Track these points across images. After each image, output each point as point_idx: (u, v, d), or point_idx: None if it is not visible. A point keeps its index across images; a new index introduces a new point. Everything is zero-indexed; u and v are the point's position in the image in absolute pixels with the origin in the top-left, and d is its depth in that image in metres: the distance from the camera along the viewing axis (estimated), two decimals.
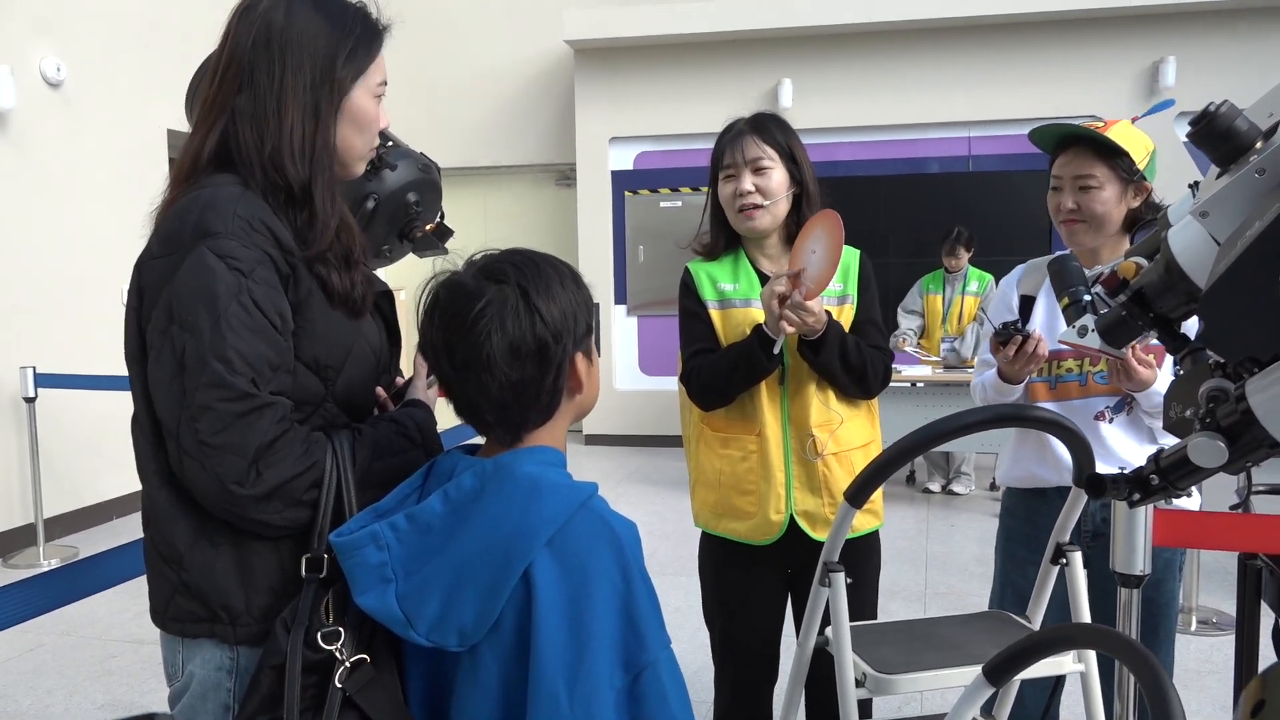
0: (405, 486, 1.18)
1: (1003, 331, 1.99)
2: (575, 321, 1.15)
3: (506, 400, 1.11)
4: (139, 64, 5.92)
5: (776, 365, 2.00)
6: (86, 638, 3.92)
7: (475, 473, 1.10)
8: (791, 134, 2.10)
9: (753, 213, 2.06)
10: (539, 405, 1.14)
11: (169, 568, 1.25)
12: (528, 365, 1.10)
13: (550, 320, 1.11)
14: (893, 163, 7.62)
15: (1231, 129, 0.96)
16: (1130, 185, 2.04)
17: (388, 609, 1.08)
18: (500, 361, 1.09)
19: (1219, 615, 3.92)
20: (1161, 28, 7.13)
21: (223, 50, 1.29)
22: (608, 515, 1.10)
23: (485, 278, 1.13)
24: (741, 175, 2.05)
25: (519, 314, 1.10)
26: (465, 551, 1.06)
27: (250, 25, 1.27)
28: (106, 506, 5.70)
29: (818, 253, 1.89)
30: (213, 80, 1.29)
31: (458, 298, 1.12)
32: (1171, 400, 1.17)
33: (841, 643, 1.59)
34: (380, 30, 1.35)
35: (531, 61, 8.27)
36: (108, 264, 5.57)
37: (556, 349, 1.12)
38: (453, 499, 1.09)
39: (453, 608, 1.06)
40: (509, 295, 1.11)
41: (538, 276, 1.13)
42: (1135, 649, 1.00)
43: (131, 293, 1.26)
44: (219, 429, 1.14)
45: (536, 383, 1.12)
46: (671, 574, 4.45)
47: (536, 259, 1.17)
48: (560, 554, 1.06)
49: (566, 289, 1.15)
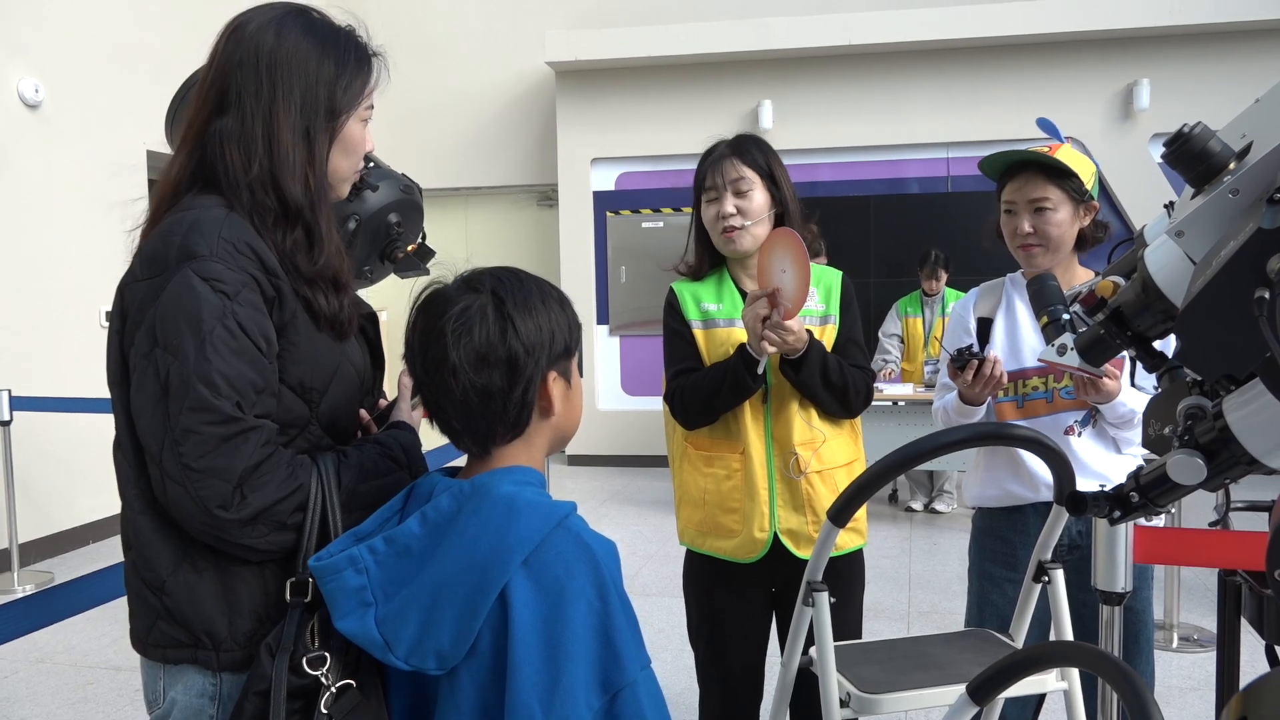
0: (386, 509, 1.18)
1: (958, 358, 2.01)
2: (552, 339, 1.15)
3: (471, 406, 1.12)
4: (117, 85, 5.90)
5: (760, 384, 2.01)
6: (61, 665, 3.86)
7: (453, 494, 1.10)
8: (772, 155, 2.12)
9: (734, 234, 2.07)
10: (505, 417, 1.14)
11: (151, 593, 1.23)
12: (494, 374, 1.11)
13: (524, 332, 1.12)
14: (872, 183, 7.69)
15: (1206, 150, 0.97)
16: (1080, 205, 2.07)
17: (367, 633, 1.07)
18: (465, 365, 1.10)
19: (1200, 632, 3.93)
20: (1135, 51, 7.24)
21: (209, 70, 1.28)
22: (585, 534, 1.10)
23: (466, 286, 1.15)
24: (723, 197, 2.07)
25: (489, 321, 1.11)
26: (442, 573, 1.06)
27: (239, 46, 1.26)
28: (83, 531, 5.63)
29: (788, 272, 1.91)
30: (198, 100, 1.29)
31: (436, 303, 1.15)
32: (1150, 418, 1.18)
33: (826, 662, 1.59)
34: (370, 55, 1.34)
35: (513, 83, 8.30)
36: (86, 285, 5.53)
37: (527, 361, 1.12)
38: (430, 520, 1.09)
39: (430, 630, 1.05)
40: (485, 304, 1.12)
41: (517, 290, 1.15)
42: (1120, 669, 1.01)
43: (114, 314, 1.25)
44: (203, 453, 1.13)
45: (504, 393, 1.12)
46: (655, 594, 4.44)
47: (522, 276, 1.18)
48: (536, 573, 1.05)
49: (548, 308, 1.16)
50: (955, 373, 2.04)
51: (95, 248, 5.50)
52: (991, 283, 2.28)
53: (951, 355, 2.03)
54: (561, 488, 6.80)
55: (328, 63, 1.28)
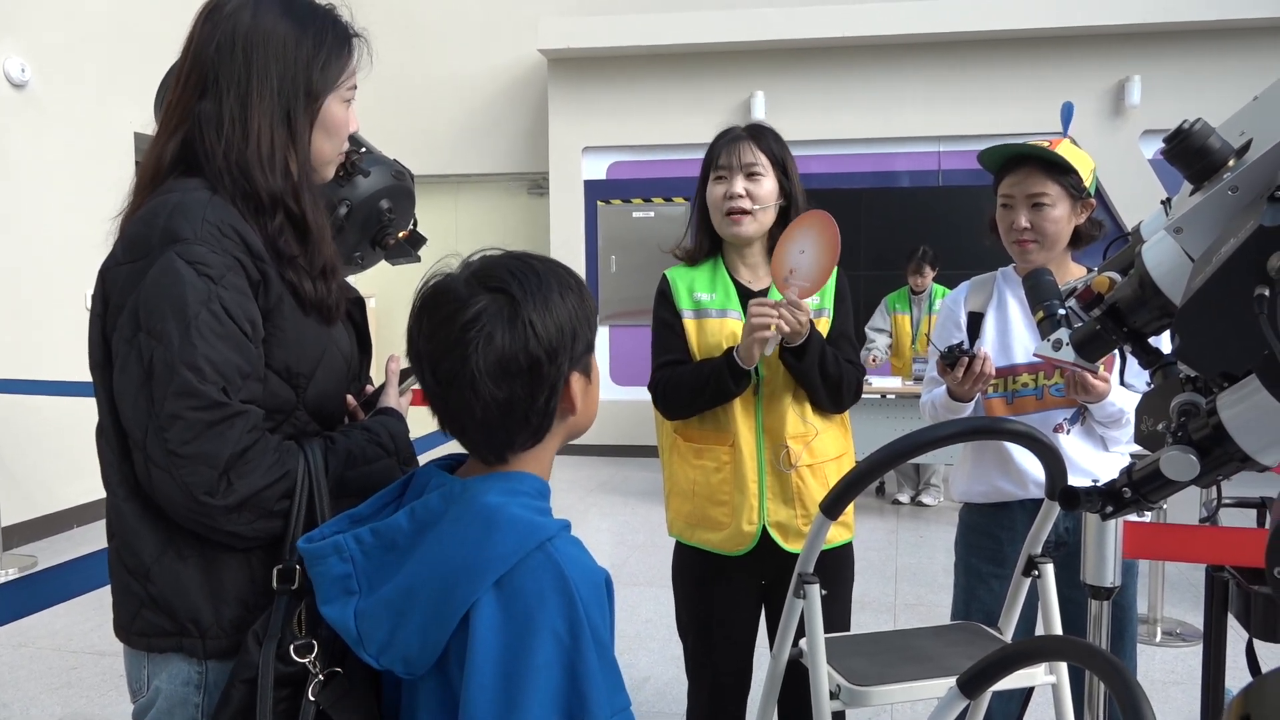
0: (385, 494, 1.13)
1: (948, 355, 2.01)
2: (574, 339, 1.05)
3: (491, 420, 1.03)
4: (106, 65, 5.84)
5: (744, 390, 2.02)
6: (44, 650, 3.84)
7: (443, 493, 1.05)
8: (785, 148, 2.12)
9: (740, 218, 2.06)
10: (528, 427, 1.05)
11: (135, 580, 1.22)
12: (516, 384, 1.02)
13: (545, 337, 1.02)
14: (864, 176, 7.68)
15: (1205, 147, 0.97)
16: (1078, 202, 2.06)
17: (345, 623, 1.03)
18: (486, 378, 1.00)
19: (1183, 627, 3.96)
20: (1127, 47, 7.26)
21: (187, 53, 1.26)
22: (567, 562, 1.00)
23: (478, 284, 1.03)
24: (734, 178, 2.06)
25: (511, 328, 1.01)
26: (415, 577, 1.01)
27: (215, 28, 1.24)
28: (66, 515, 5.60)
29: (807, 252, 1.91)
30: (177, 83, 1.26)
31: (446, 303, 1.03)
32: (1143, 413, 1.18)
33: (816, 655, 1.59)
34: (350, 35, 1.32)
35: (505, 70, 8.25)
36: (71, 268, 5.48)
37: (550, 368, 1.03)
38: (418, 517, 1.04)
39: (398, 635, 1.01)
40: (502, 306, 1.01)
41: (536, 286, 1.03)
42: (1112, 663, 1.01)
43: (95, 299, 1.23)
44: (189, 438, 1.11)
45: (525, 403, 1.03)
46: (643, 584, 4.44)
47: (536, 266, 1.07)
48: (507, 597, 0.98)
49: (567, 301, 1.06)
50: (944, 370, 2.03)
51: (81, 229, 5.43)
52: (983, 277, 2.27)
53: (941, 352, 2.03)
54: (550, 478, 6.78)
55: (306, 42, 1.26)
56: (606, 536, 5.54)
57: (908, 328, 6.25)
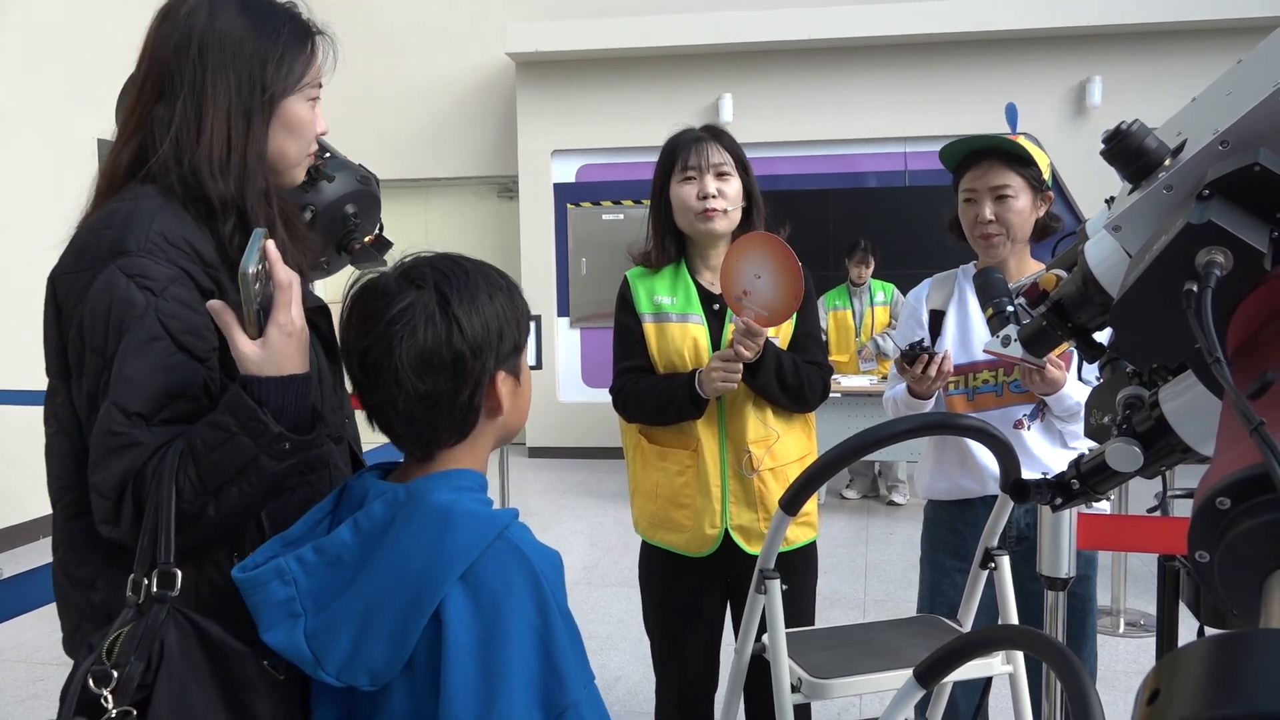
0: (315, 512, 1.10)
1: (909, 352, 2.04)
2: (501, 337, 1.07)
3: (414, 413, 1.04)
4: (67, 74, 5.77)
5: (704, 414, 2.04)
6: (9, 661, 3.79)
7: (386, 501, 1.04)
8: (740, 149, 2.13)
9: (715, 215, 2.06)
10: (451, 421, 1.06)
11: (77, 591, 1.19)
12: (439, 378, 1.03)
13: (470, 333, 1.04)
14: (831, 176, 7.74)
15: (1142, 147, 0.99)
16: (1038, 195, 2.09)
17: (295, 647, 1.00)
18: (408, 371, 1.02)
19: (1145, 617, 4.03)
20: (1088, 48, 7.37)
21: (144, 57, 1.24)
22: (525, 546, 1.03)
23: (406, 280, 1.05)
24: (704, 177, 2.06)
25: (434, 322, 1.02)
26: (375, 588, 1.00)
27: (171, 30, 1.21)
28: (32, 526, 5.52)
29: (764, 279, 1.91)
30: (135, 88, 1.25)
31: (375, 299, 1.05)
32: (1092, 407, 1.21)
33: (777, 648, 1.61)
34: (311, 32, 1.29)
35: (473, 74, 8.24)
36: (34, 277, 5.39)
37: (474, 364, 1.04)
38: (363, 529, 1.02)
39: (363, 648, 0.99)
40: (429, 301, 1.03)
41: (463, 284, 1.05)
42: (1057, 649, 1.04)
43: (48, 304, 1.20)
44: (92, 463, 1.09)
45: (449, 397, 1.04)
46: (614, 585, 4.45)
47: (467, 265, 1.09)
48: (473, 589, 0.99)
49: (495, 301, 1.07)
50: (904, 367, 2.06)
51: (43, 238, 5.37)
52: (944, 274, 2.29)
53: (902, 350, 2.06)
54: (521, 480, 6.79)
55: (263, 39, 1.22)
56: (579, 538, 5.54)
57: (850, 321, 6.32)
